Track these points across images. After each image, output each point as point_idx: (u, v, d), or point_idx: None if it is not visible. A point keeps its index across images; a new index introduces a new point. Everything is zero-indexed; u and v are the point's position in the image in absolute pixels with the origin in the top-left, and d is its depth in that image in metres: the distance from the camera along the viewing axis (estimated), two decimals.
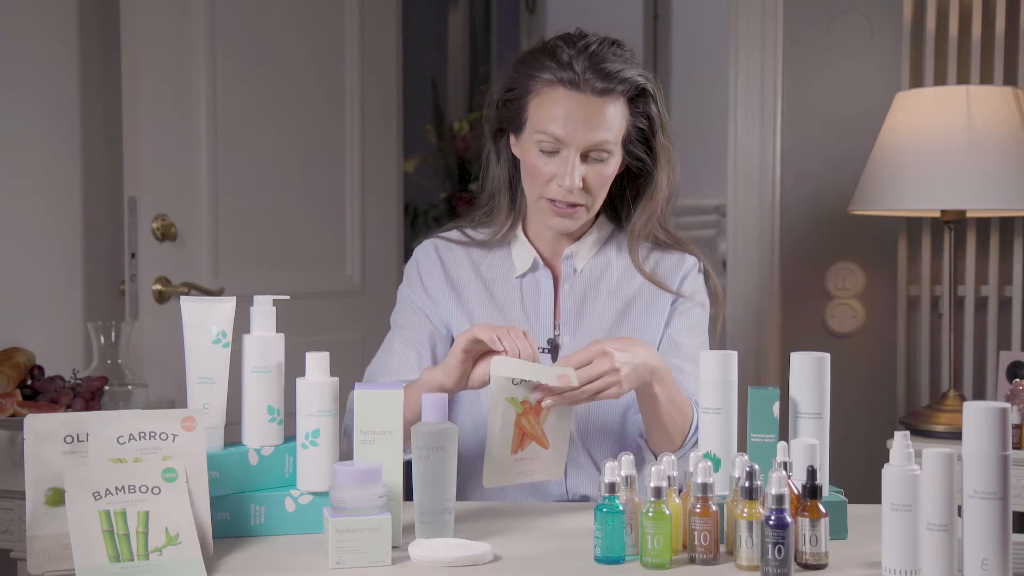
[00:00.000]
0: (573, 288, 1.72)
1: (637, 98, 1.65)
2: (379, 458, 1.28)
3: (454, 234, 1.78)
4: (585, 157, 1.61)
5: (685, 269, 1.74)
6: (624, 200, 1.75)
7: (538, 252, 1.73)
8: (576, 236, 1.73)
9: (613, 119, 1.61)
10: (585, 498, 1.67)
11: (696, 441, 1.59)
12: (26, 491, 1.20)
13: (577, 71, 1.59)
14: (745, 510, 1.20)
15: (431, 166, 4.46)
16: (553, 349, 1.69)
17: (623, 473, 1.25)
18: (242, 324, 1.37)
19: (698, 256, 1.77)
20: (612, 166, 1.65)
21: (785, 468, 1.23)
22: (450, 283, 1.73)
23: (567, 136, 1.60)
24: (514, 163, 1.72)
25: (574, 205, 1.63)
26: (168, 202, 2.44)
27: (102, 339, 2.14)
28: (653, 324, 1.71)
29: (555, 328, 1.70)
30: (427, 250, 1.77)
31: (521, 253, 1.73)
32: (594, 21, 1.72)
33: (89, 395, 2.02)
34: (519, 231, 1.74)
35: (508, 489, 1.67)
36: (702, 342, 1.73)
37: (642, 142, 1.68)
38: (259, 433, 1.36)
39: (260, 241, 2.67)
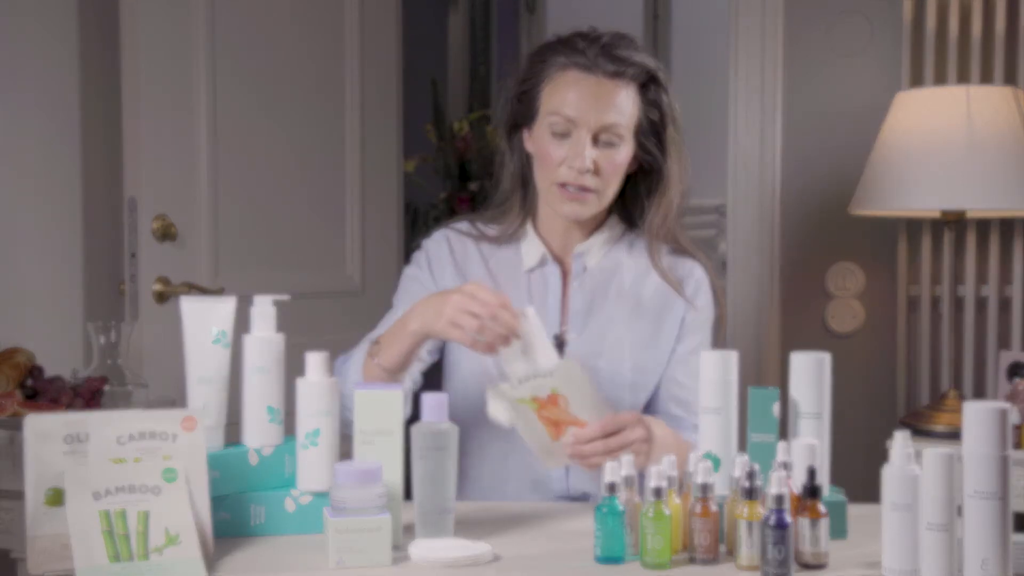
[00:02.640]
0: (583, 286, 1.72)
1: (648, 86, 1.67)
2: (379, 458, 1.28)
3: (464, 226, 1.79)
4: (596, 140, 1.63)
5: (696, 280, 1.75)
6: (637, 200, 1.75)
7: (548, 248, 1.74)
8: (587, 233, 1.74)
9: (624, 103, 1.64)
10: (585, 495, 1.67)
11: None
12: (26, 491, 1.20)
13: (589, 56, 1.63)
14: (745, 510, 1.20)
15: (431, 166, 4.45)
16: (559, 345, 1.69)
17: (623, 473, 1.25)
18: (242, 324, 1.37)
19: (703, 263, 1.77)
20: (624, 153, 1.66)
21: (785, 468, 1.23)
22: (459, 275, 1.74)
23: (579, 116, 1.62)
24: (527, 160, 1.73)
25: (585, 189, 1.64)
26: (168, 202, 2.43)
27: (102, 339, 2.14)
28: (664, 334, 1.72)
29: (562, 324, 1.71)
30: (439, 240, 1.78)
31: (530, 248, 1.74)
32: (594, 21, 1.73)
33: (89, 395, 2.02)
34: (528, 227, 1.75)
35: (508, 486, 1.68)
36: None
37: (653, 135, 1.69)
38: (259, 433, 1.36)
39: (260, 241, 2.67)
